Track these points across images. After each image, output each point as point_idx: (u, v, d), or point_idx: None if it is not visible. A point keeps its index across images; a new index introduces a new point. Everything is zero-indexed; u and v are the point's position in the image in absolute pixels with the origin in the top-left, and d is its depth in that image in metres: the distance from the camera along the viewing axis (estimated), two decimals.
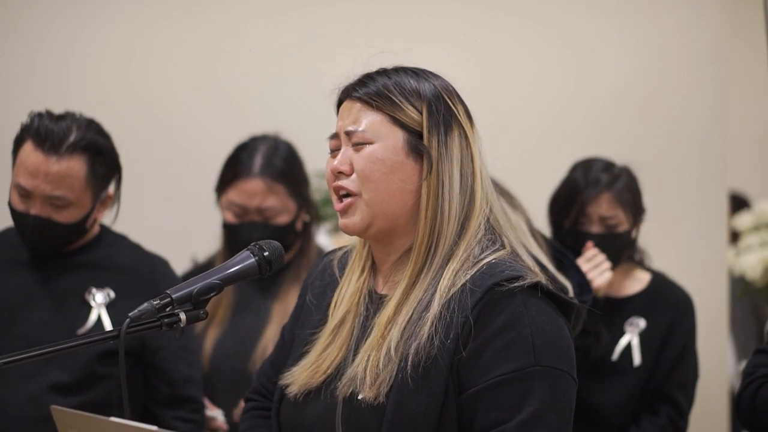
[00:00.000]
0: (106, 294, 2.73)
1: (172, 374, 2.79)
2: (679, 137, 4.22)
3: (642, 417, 3.18)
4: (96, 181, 2.70)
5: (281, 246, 1.92)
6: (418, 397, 1.81)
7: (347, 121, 1.93)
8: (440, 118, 1.91)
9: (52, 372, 2.65)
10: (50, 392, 2.65)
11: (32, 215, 2.66)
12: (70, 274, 2.74)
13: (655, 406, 3.19)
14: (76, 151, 2.65)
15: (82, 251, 2.77)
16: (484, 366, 1.81)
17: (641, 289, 3.29)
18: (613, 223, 3.20)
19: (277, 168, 3.20)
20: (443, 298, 1.85)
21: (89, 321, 2.70)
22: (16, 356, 1.73)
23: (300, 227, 3.24)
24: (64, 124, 2.66)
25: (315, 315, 2.03)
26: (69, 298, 2.72)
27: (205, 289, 1.83)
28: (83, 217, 2.70)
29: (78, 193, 2.67)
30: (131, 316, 1.78)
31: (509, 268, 1.86)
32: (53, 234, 2.68)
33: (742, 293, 4.67)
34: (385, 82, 1.92)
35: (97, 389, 2.69)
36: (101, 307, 2.72)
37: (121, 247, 2.83)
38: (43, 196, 2.65)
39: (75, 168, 2.65)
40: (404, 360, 1.83)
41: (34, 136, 2.65)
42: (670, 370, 3.20)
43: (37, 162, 2.63)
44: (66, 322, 2.69)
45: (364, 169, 1.89)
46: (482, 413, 1.80)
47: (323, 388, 1.92)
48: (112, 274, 2.76)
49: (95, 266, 2.76)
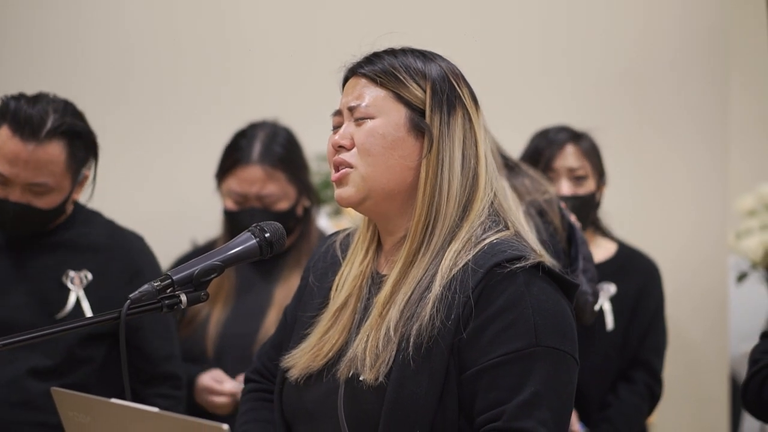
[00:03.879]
0: (84, 276, 2.70)
1: (152, 353, 2.77)
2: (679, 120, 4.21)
3: (619, 385, 3.23)
4: (75, 165, 2.66)
5: (282, 227, 1.91)
6: (419, 377, 1.81)
7: (351, 96, 1.93)
8: (444, 98, 1.91)
9: (31, 356, 2.63)
10: (29, 376, 2.63)
11: (12, 202, 2.62)
12: (46, 255, 2.71)
13: (630, 374, 3.24)
14: (55, 136, 2.60)
15: (57, 231, 2.73)
16: (485, 346, 1.80)
17: (609, 256, 3.33)
18: (581, 174, 3.22)
19: (276, 155, 3.19)
20: (444, 278, 1.84)
21: (68, 305, 2.68)
22: (13, 339, 1.71)
23: (300, 212, 3.24)
24: (41, 107, 2.60)
25: (317, 297, 2.03)
26: (46, 280, 2.69)
27: (205, 270, 1.83)
28: (62, 201, 2.67)
29: (58, 178, 2.63)
30: (131, 297, 1.77)
31: (511, 247, 1.86)
32: (33, 220, 2.66)
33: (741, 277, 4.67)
34: (391, 61, 1.93)
35: (77, 373, 2.67)
36: (79, 290, 2.69)
37: (96, 225, 2.79)
38: (23, 183, 2.61)
39: (55, 154, 2.60)
40: (405, 340, 1.82)
41: (11, 122, 2.59)
42: (643, 335, 3.25)
43: (17, 149, 2.58)
44: (44, 306, 2.67)
45: (364, 142, 1.89)
46: (483, 393, 1.80)
47: (324, 371, 1.92)
48: (89, 254, 2.73)
49: (71, 246, 2.73)
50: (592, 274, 2.86)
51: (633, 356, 3.25)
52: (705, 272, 4.15)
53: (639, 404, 3.24)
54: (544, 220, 2.77)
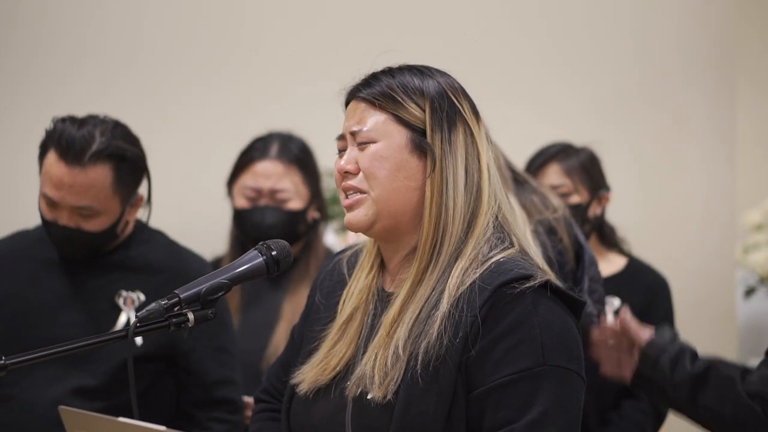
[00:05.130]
0: (136, 297, 2.68)
1: (205, 376, 2.72)
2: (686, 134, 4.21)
3: (623, 402, 3.21)
4: (123, 188, 2.63)
5: (289, 245, 1.92)
6: (427, 396, 1.81)
7: (352, 121, 1.94)
8: (443, 116, 1.91)
9: (78, 375, 2.62)
10: (74, 396, 2.60)
11: (61, 225, 2.62)
12: (101, 275, 2.69)
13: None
14: (99, 160, 2.57)
15: (115, 252, 2.72)
16: (493, 365, 1.81)
17: (617, 271, 3.32)
18: (564, 192, 3.22)
19: (292, 153, 3.22)
20: (452, 296, 1.85)
21: (117, 325, 2.65)
22: (23, 357, 1.72)
23: (311, 218, 3.23)
24: (86, 131, 2.59)
25: (324, 312, 2.03)
26: (99, 300, 2.68)
27: (213, 288, 1.83)
28: (113, 223, 2.65)
29: (105, 201, 2.61)
30: (139, 316, 1.78)
31: (518, 266, 1.86)
32: (83, 242, 2.64)
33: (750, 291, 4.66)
34: (389, 82, 1.93)
35: (122, 395, 2.62)
36: (130, 311, 2.66)
37: (155, 246, 2.77)
38: (70, 207, 2.60)
39: (99, 178, 2.58)
40: (413, 359, 1.83)
41: (57, 146, 2.58)
42: None
43: (61, 174, 2.57)
44: (93, 325, 2.65)
45: (369, 167, 1.90)
46: (491, 412, 1.80)
47: (333, 387, 1.92)
48: (144, 274, 2.71)
49: (127, 267, 2.70)
50: (599, 296, 2.85)
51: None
52: (712, 287, 4.15)
53: (642, 422, 3.22)
54: (553, 239, 2.76)
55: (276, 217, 3.14)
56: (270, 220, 3.11)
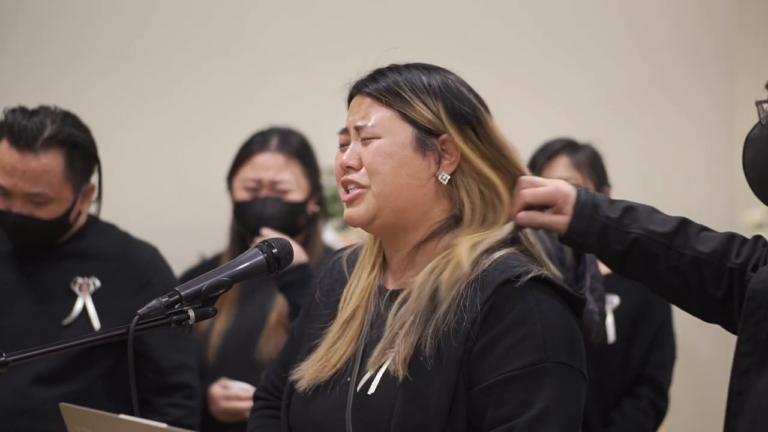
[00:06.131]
0: (92, 282, 2.73)
1: (162, 362, 2.78)
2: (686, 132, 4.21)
3: (624, 402, 3.21)
4: (75, 175, 2.69)
5: (290, 243, 1.92)
6: (428, 391, 1.81)
7: (357, 116, 1.93)
8: (450, 114, 1.91)
9: (36, 363, 2.64)
10: (34, 383, 2.66)
11: (14, 213, 2.67)
12: (55, 265, 2.75)
13: (636, 390, 3.22)
14: (51, 146, 2.64)
15: (68, 242, 2.77)
16: (495, 361, 1.81)
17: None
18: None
19: (292, 146, 3.23)
20: (455, 293, 1.84)
21: (74, 311, 2.70)
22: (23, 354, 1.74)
23: (311, 211, 3.24)
24: (38, 120, 2.65)
25: (324, 310, 2.03)
26: (54, 289, 2.73)
27: (213, 286, 1.83)
28: (65, 211, 2.70)
29: (57, 188, 2.66)
30: (140, 313, 1.78)
31: (521, 264, 1.86)
32: (36, 230, 2.69)
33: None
34: (395, 78, 1.92)
35: (80, 379, 2.69)
36: (86, 297, 2.71)
37: (108, 236, 2.82)
38: (23, 193, 2.65)
39: (52, 164, 2.64)
40: (414, 355, 1.82)
41: (9, 134, 2.64)
42: (648, 350, 3.22)
43: (13, 161, 2.63)
44: (51, 313, 2.70)
45: (372, 162, 1.90)
46: (492, 408, 1.80)
47: (332, 383, 1.92)
48: (98, 263, 2.76)
49: (81, 256, 2.76)
50: (600, 293, 2.85)
51: (638, 371, 3.23)
52: None
53: (643, 421, 3.22)
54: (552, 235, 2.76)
55: (277, 208, 3.14)
56: (271, 211, 3.12)
